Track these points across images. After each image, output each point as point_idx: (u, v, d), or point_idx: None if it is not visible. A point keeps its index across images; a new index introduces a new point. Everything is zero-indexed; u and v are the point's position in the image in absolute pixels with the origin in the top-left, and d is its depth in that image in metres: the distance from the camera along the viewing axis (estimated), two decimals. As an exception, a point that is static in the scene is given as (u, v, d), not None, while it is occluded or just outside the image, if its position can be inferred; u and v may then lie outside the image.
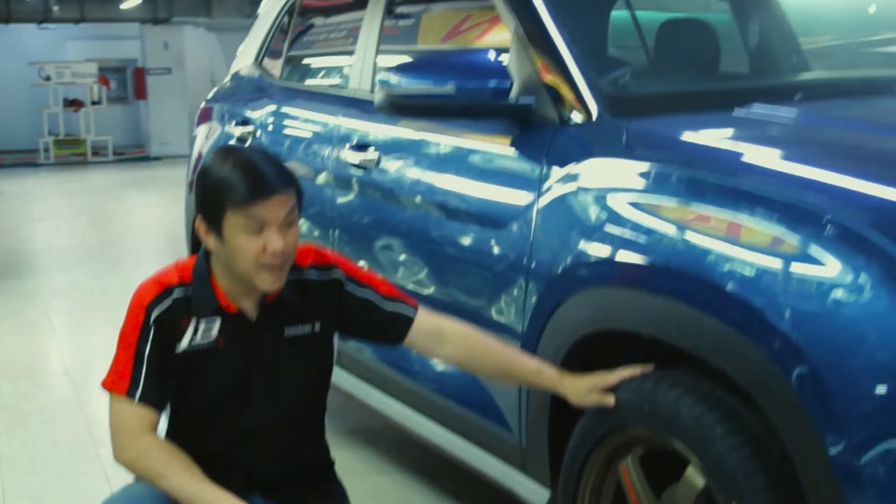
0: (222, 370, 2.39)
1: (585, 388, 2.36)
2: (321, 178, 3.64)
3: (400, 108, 2.77)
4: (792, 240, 1.96)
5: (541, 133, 2.66)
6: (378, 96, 2.82)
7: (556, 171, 2.57)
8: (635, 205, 2.32)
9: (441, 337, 2.54)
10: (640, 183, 2.35)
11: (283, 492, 2.50)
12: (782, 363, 1.92)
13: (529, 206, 2.62)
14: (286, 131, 4.13)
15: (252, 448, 2.44)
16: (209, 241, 2.33)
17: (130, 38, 20.33)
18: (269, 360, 2.42)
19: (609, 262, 2.33)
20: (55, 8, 17.43)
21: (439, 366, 3.07)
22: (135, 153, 19.61)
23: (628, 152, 2.43)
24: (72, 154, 18.51)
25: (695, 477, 2.16)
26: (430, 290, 3.00)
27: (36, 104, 18.92)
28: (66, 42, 21.16)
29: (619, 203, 2.37)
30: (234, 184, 2.24)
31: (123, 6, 17.70)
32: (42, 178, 16.02)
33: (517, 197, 2.68)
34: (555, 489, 2.57)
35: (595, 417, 2.36)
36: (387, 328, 2.54)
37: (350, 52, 3.77)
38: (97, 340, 5.64)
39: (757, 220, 2.04)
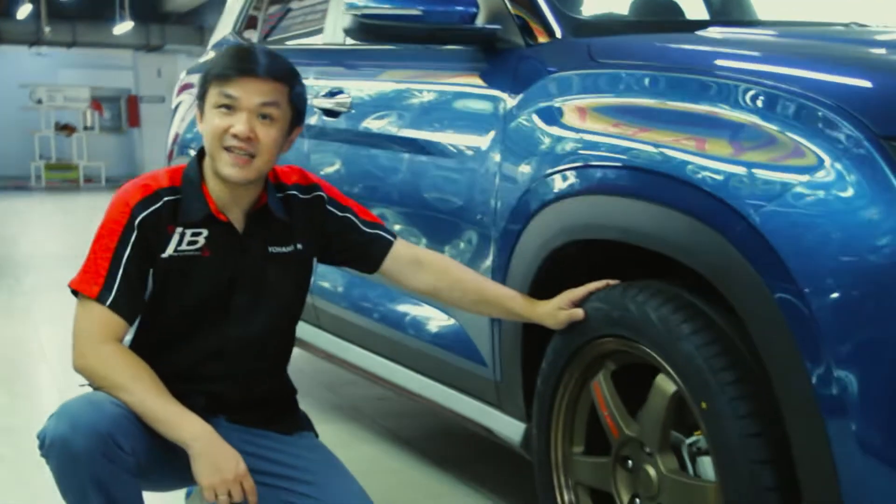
0: (205, 281, 2.34)
1: (556, 307, 2.34)
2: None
3: (368, 30, 2.76)
4: (758, 130, 1.95)
5: (507, 58, 2.66)
6: (346, 19, 2.81)
7: (522, 91, 2.56)
8: (600, 109, 2.32)
9: (418, 266, 2.53)
10: (604, 88, 2.35)
11: (247, 416, 2.46)
12: (748, 251, 1.89)
13: (497, 130, 2.61)
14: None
15: (220, 369, 2.40)
16: (201, 127, 2.31)
17: (124, 69, 20.43)
18: (252, 274, 2.39)
19: (575, 169, 2.32)
20: (47, 29, 17.49)
21: (416, 311, 3.05)
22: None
23: (591, 63, 2.42)
24: (63, 180, 18.50)
25: (664, 384, 2.14)
26: (405, 228, 2.97)
27: (27, 128, 18.94)
28: (59, 69, 21.24)
29: (583, 110, 2.37)
30: (220, 59, 2.27)
31: (116, 31, 17.75)
32: (34, 198, 16.00)
33: (484, 123, 2.67)
34: (530, 421, 2.54)
35: (566, 333, 2.34)
36: (365, 252, 2.53)
37: (324, 11, 3.77)
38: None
39: (725, 113, 2.02)
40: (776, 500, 1.90)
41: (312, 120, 3.47)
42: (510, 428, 2.64)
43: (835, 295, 1.77)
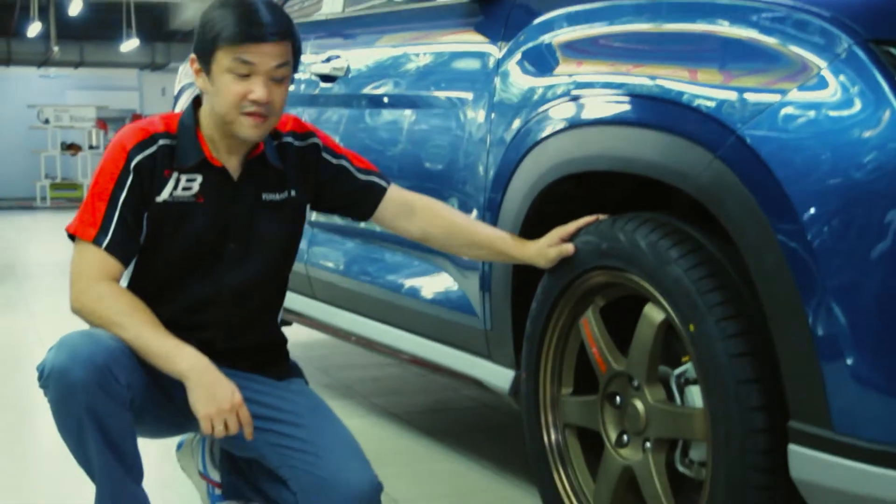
0: (199, 226, 2.32)
1: (545, 245, 2.32)
2: (297, 95, 3.63)
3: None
4: (750, 45, 1.93)
5: (500, 7, 2.65)
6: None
7: (513, 37, 2.55)
8: (587, 41, 2.32)
9: (412, 211, 2.51)
10: (595, 21, 2.33)
11: (238, 362, 2.44)
12: (737, 167, 1.87)
13: (489, 77, 2.60)
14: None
15: (212, 316, 2.38)
16: (199, 81, 2.29)
17: (130, 89, 20.51)
18: (245, 220, 2.37)
19: (565, 104, 2.31)
20: (55, 49, 17.57)
21: (407, 271, 3.03)
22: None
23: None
24: (68, 199, 18.52)
25: (653, 313, 2.11)
26: (403, 178, 2.94)
27: (34, 147, 18.98)
28: (67, 91, 21.33)
29: (570, 45, 2.37)
30: (229, 22, 2.20)
31: (123, 48, 17.84)
32: (38, 215, 16.03)
33: (478, 72, 2.67)
34: (519, 369, 2.52)
35: (556, 270, 2.31)
36: (360, 198, 2.51)
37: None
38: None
39: (717, 29, 2.00)
40: (762, 419, 1.88)
41: (310, 89, 3.46)
42: (499, 376, 2.62)
43: (828, 212, 1.75)
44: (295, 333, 3.06)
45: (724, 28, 1.98)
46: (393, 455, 3.26)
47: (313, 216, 3.55)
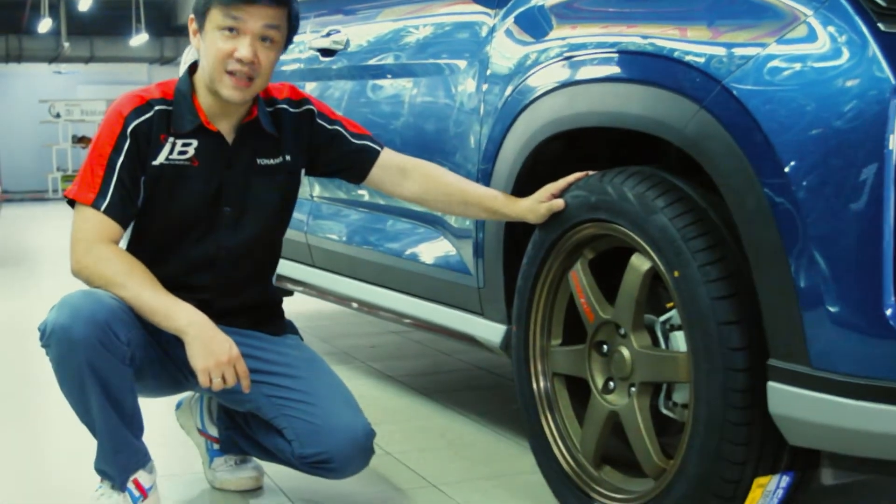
0: (194, 190, 2.33)
1: (536, 201, 2.32)
2: (299, 71, 3.63)
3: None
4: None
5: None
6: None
7: (509, 1, 2.56)
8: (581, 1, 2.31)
9: (404, 174, 2.51)
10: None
11: (235, 320, 2.45)
12: (723, 117, 1.88)
13: (484, 43, 2.61)
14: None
15: (208, 278, 2.39)
16: (195, 41, 2.29)
17: (140, 83, 20.34)
18: (240, 184, 2.37)
19: (555, 63, 2.31)
20: (66, 44, 17.54)
21: (404, 235, 3.04)
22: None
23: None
24: (79, 189, 18.45)
25: (639, 262, 2.12)
26: (402, 144, 2.95)
27: (45, 141, 18.95)
28: (78, 86, 21.29)
29: (560, 5, 2.38)
30: None
31: (132, 43, 17.82)
32: (49, 206, 16.01)
33: (472, 39, 2.68)
34: (510, 323, 2.52)
35: (546, 225, 2.31)
36: (354, 161, 2.51)
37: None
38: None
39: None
40: (742, 359, 1.88)
41: (311, 63, 3.46)
42: (491, 331, 2.62)
43: (809, 157, 1.75)
44: (297, 305, 3.07)
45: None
46: (388, 413, 3.26)
47: (316, 190, 3.56)
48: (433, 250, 2.88)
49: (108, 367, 2.15)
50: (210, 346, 2.20)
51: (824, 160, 1.74)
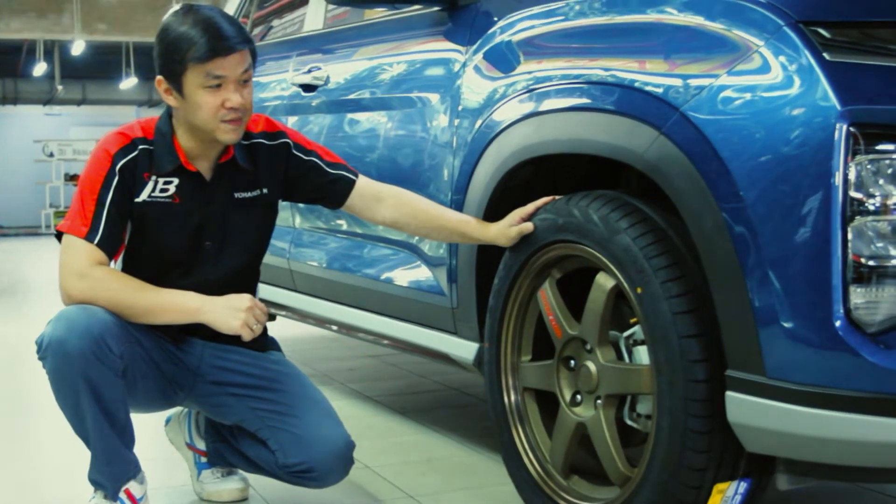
0: (176, 226, 2.33)
1: (506, 225, 2.33)
2: (282, 107, 3.63)
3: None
4: (690, 33, 1.95)
5: (466, 14, 2.66)
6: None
7: (477, 40, 2.56)
8: (543, 37, 2.34)
9: (379, 200, 2.51)
10: (553, 18, 2.34)
11: (220, 336, 2.44)
12: (681, 142, 1.89)
13: (455, 78, 2.62)
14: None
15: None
16: (170, 99, 2.27)
17: (130, 125, 20.38)
18: (220, 219, 2.37)
19: (523, 95, 2.32)
20: (59, 88, 17.49)
21: (382, 260, 3.03)
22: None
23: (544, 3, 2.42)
24: (70, 225, 18.32)
25: (604, 280, 2.13)
26: (379, 174, 2.94)
27: (39, 179, 18.86)
28: (70, 127, 21.25)
29: (528, 41, 2.39)
30: (195, 41, 2.17)
31: (122, 86, 17.79)
32: (41, 241, 15.90)
33: (445, 74, 2.68)
34: (482, 340, 2.52)
35: (516, 248, 2.32)
36: (330, 190, 2.51)
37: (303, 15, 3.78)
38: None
39: (663, 17, 2.02)
40: (702, 370, 1.89)
41: (293, 99, 3.47)
42: (464, 349, 2.62)
43: (762, 184, 1.77)
44: (279, 331, 3.05)
45: (667, 17, 2.00)
46: (367, 430, 3.25)
47: (297, 220, 3.55)
48: (408, 273, 2.88)
49: (102, 379, 2.14)
50: (230, 308, 2.23)
51: (775, 184, 1.76)
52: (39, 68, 16.99)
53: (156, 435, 2.80)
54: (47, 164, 18.68)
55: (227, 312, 2.22)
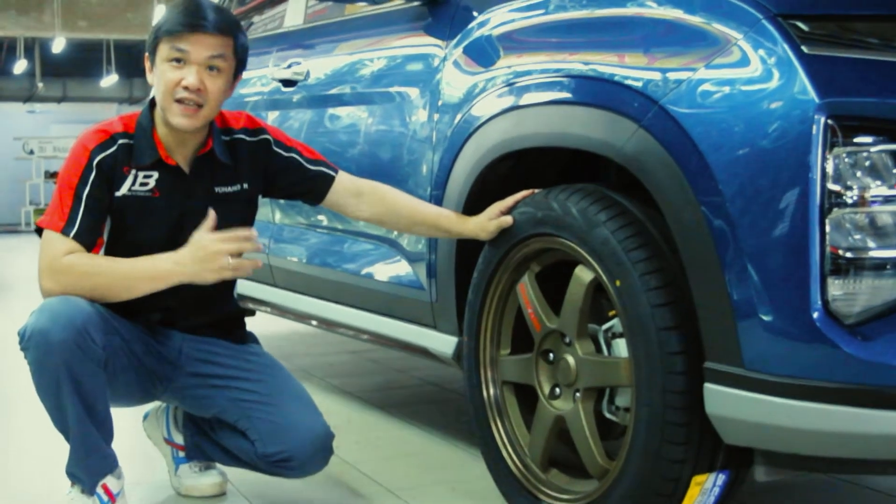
0: (157, 219, 2.31)
1: (485, 218, 2.32)
2: (262, 102, 3.61)
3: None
4: (668, 26, 1.94)
5: (447, 9, 2.65)
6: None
7: (457, 35, 2.55)
8: (522, 31, 2.33)
9: (360, 196, 2.51)
10: (533, 12, 2.33)
11: (199, 329, 2.43)
12: (660, 136, 1.88)
13: (435, 73, 2.60)
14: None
15: (172, 298, 2.34)
16: (149, 76, 2.29)
17: (110, 123, 20.27)
18: (200, 213, 2.34)
19: (502, 89, 2.31)
20: (40, 85, 17.39)
21: (362, 255, 3.02)
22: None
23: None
24: (50, 222, 18.19)
25: (583, 273, 2.12)
26: (360, 170, 2.92)
27: (19, 176, 18.73)
28: (51, 124, 21.10)
29: (507, 36, 2.38)
30: (172, 16, 2.22)
31: (103, 84, 17.69)
32: (22, 238, 15.80)
33: (425, 69, 2.66)
34: (461, 334, 2.51)
35: (495, 241, 2.31)
36: (310, 186, 2.50)
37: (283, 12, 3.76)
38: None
39: (640, 11, 2.01)
40: (681, 362, 1.88)
41: (273, 94, 3.44)
42: (443, 343, 2.60)
43: (741, 177, 1.76)
44: (258, 327, 3.03)
45: (647, 11, 1.99)
46: (346, 425, 3.23)
47: (277, 215, 3.53)
48: (388, 268, 2.87)
49: (84, 370, 2.13)
50: (199, 262, 2.18)
51: (753, 177, 1.75)
52: (20, 65, 16.89)
53: (133, 430, 2.77)
54: (27, 162, 18.55)
55: (198, 266, 2.18)
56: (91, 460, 2.20)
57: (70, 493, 2.25)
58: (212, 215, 2.21)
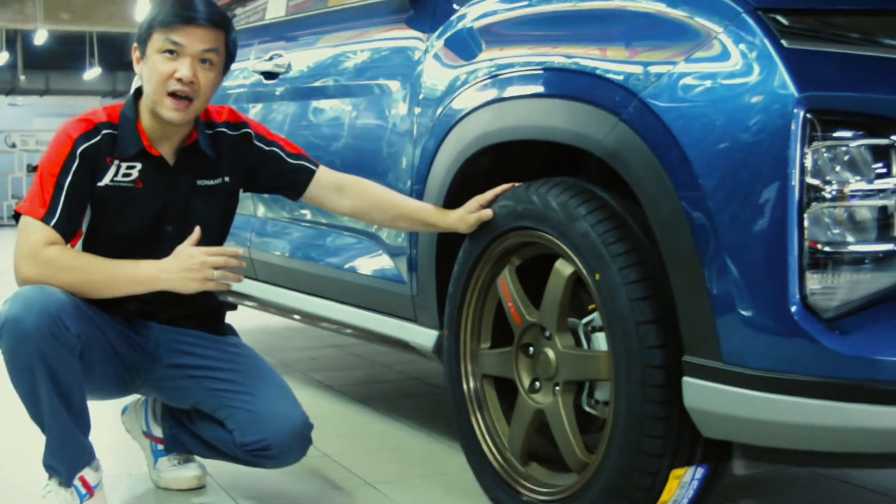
0: (139, 210, 2.30)
1: (465, 212, 2.32)
2: (243, 94, 3.59)
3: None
4: (649, 20, 1.94)
5: (428, 2, 2.64)
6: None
7: (438, 27, 2.54)
8: (503, 24, 2.33)
9: (339, 190, 2.50)
10: (515, 4, 2.33)
11: (177, 322, 2.42)
12: (640, 129, 1.88)
13: (417, 65, 2.59)
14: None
15: (152, 292, 2.34)
16: (138, 67, 2.28)
17: (93, 116, 20.16)
18: (182, 204, 2.35)
19: (484, 82, 2.30)
20: (22, 77, 17.29)
21: (343, 249, 3.01)
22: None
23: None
24: (33, 216, 18.09)
25: (563, 267, 2.11)
26: (341, 163, 2.91)
27: (1, 170, 18.63)
28: (33, 117, 20.99)
29: (488, 28, 2.37)
30: (165, 8, 2.22)
31: (86, 77, 17.61)
32: (3, 231, 15.72)
33: (407, 62, 2.66)
34: (442, 328, 2.50)
35: (475, 234, 2.31)
36: (290, 180, 2.49)
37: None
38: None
39: (626, 4, 2.00)
40: (660, 356, 1.88)
41: (255, 87, 3.43)
42: (424, 337, 2.60)
43: (721, 171, 1.76)
44: (240, 321, 3.04)
45: (629, 4, 1.99)
46: (327, 418, 3.21)
47: (260, 209, 3.52)
48: (369, 262, 2.86)
49: (58, 358, 2.11)
50: (184, 271, 2.19)
51: (733, 172, 1.75)
52: (2, 58, 16.81)
53: (112, 424, 2.76)
54: (9, 155, 18.45)
55: (183, 275, 2.19)
56: (67, 450, 2.19)
57: (48, 485, 2.23)
58: (197, 231, 2.23)
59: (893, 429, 1.65)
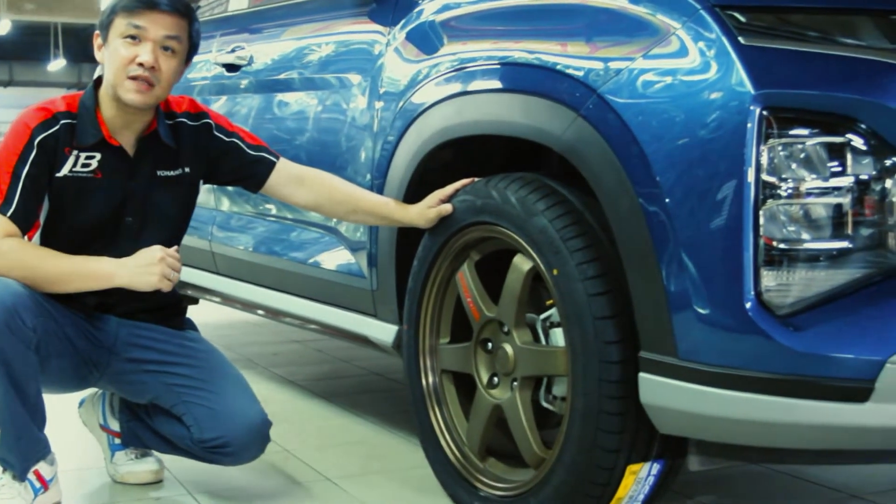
0: (98, 201, 2.28)
1: (425, 206, 2.31)
2: (205, 87, 3.56)
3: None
4: (609, 15, 1.94)
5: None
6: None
7: (400, 21, 2.53)
8: (464, 18, 2.33)
9: (300, 183, 2.49)
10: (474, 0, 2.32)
11: (136, 316, 2.40)
12: (599, 125, 1.88)
13: (378, 59, 2.58)
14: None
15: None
16: (98, 54, 2.26)
17: (58, 108, 20.00)
18: (141, 195, 2.33)
19: (445, 76, 2.29)
20: (-15, 68, 17.11)
21: (303, 242, 2.99)
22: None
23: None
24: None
25: (521, 262, 2.11)
26: (302, 157, 2.90)
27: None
28: (-4, 110, 20.77)
29: (449, 22, 2.37)
30: None
31: (50, 68, 17.44)
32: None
33: (368, 55, 2.65)
34: (401, 323, 2.49)
35: (435, 229, 2.30)
36: (251, 171, 2.48)
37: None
38: None
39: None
40: (616, 352, 1.88)
41: (216, 79, 3.40)
42: (384, 332, 2.59)
43: (678, 168, 1.76)
44: (202, 315, 3.03)
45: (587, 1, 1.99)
46: (288, 413, 3.20)
47: (223, 202, 3.49)
48: (330, 256, 2.85)
49: (13, 351, 2.08)
50: (142, 266, 2.19)
51: (690, 168, 1.75)
52: (-36, 49, 16.59)
53: (68, 417, 2.73)
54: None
55: (141, 271, 2.19)
56: (22, 444, 2.16)
57: (1, 479, 2.21)
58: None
59: (846, 425, 1.65)
